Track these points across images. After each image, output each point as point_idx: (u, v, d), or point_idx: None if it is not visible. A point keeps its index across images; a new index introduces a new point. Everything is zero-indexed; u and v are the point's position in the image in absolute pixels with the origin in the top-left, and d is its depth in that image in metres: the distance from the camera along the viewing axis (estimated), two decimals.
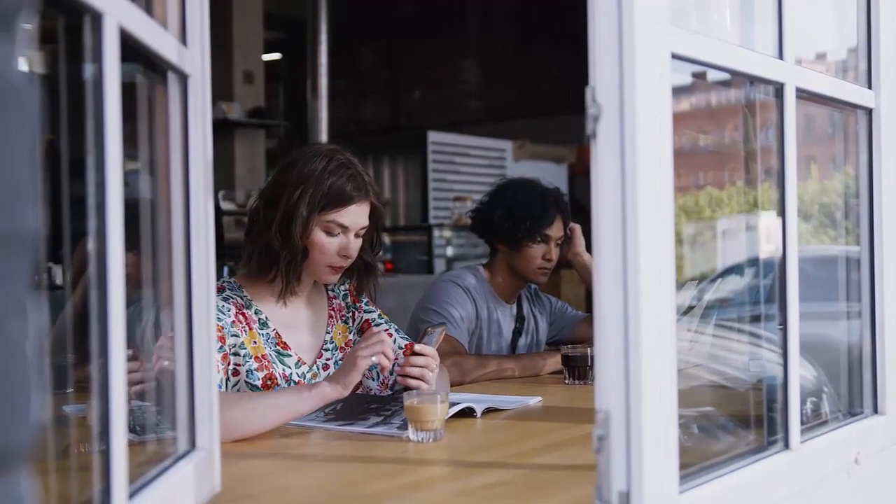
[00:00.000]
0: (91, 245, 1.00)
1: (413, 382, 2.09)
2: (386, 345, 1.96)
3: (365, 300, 2.40)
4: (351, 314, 2.37)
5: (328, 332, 2.30)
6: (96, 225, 0.99)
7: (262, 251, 2.16)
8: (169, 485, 1.21)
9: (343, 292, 2.38)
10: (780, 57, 1.49)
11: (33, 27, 0.62)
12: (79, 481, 1.22)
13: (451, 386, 2.56)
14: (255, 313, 2.18)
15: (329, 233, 2.15)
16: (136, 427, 1.33)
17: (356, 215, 2.17)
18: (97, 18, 0.98)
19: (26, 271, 0.57)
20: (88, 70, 1.01)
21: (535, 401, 2.30)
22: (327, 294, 2.35)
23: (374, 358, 1.93)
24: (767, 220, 1.87)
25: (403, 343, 2.34)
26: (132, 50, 1.10)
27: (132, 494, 1.08)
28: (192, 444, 1.35)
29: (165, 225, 1.34)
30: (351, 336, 2.34)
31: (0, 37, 0.54)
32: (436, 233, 7.44)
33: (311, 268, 2.19)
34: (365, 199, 2.19)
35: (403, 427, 1.86)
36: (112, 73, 1.00)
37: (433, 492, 1.53)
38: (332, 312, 2.33)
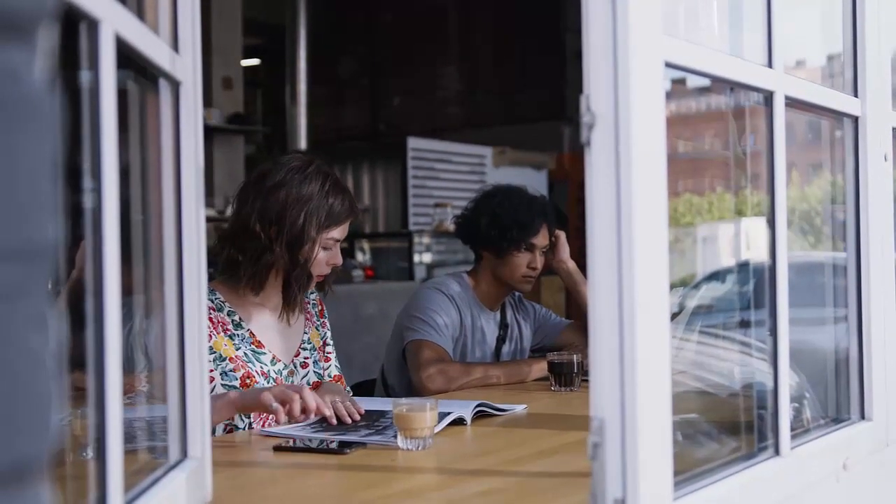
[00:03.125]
0: (87, 252, 0.99)
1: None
2: (295, 403, 1.91)
3: (323, 319, 2.48)
4: (321, 322, 2.46)
5: (306, 333, 2.38)
6: (92, 232, 0.98)
7: (264, 270, 2.21)
8: (162, 494, 1.20)
9: (313, 301, 2.46)
10: (770, 65, 1.50)
11: (53, 36, 0.62)
12: (69, 490, 1.21)
13: (437, 394, 2.57)
14: (228, 315, 2.23)
15: (325, 248, 2.25)
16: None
17: (347, 228, 2.30)
18: (93, 25, 0.98)
19: (46, 282, 0.57)
20: (84, 76, 1.00)
21: (521, 408, 2.31)
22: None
23: (275, 404, 1.89)
24: (748, 227, 1.88)
25: (335, 373, 2.42)
26: (124, 56, 1.10)
27: None
28: (184, 454, 1.34)
29: (156, 232, 1.33)
30: (321, 342, 2.44)
31: (20, 47, 0.54)
32: (416, 239, 7.43)
33: None
34: (356, 214, 2.32)
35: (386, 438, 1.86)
36: (108, 79, 0.99)
37: (426, 500, 1.52)
38: (308, 315, 2.42)
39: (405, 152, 8.05)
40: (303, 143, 8.68)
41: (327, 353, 2.44)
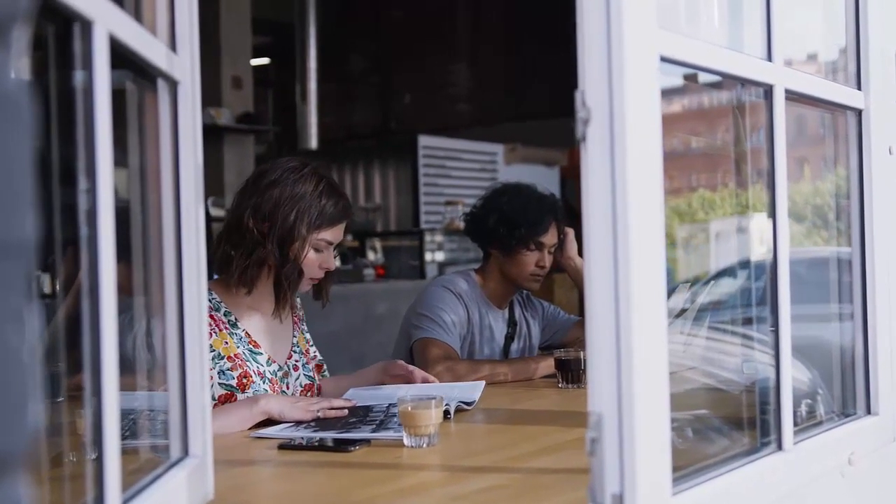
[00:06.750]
0: (83, 253, 0.99)
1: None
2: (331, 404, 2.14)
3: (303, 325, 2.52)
4: (305, 326, 2.50)
5: (294, 336, 2.43)
6: (88, 233, 0.98)
7: (255, 265, 2.24)
8: (162, 492, 1.21)
9: (298, 304, 2.51)
10: (769, 59, 1.50)
11: (28, 35, 0.62)
12: (68, 490, 1.21)
13: None
14: (225, 315, 2.27)
15: (317, 250, 2.28)
16: (125, 434, 1.32)
17: (341, 232, 2.33)
18: (87, 26, 0.98)
19: (24, 278, 0.58)
20: (78, 77, 1.00)
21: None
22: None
23: (320, 413, 2.10)
24: (760, 222, 1.88)
25: (311, 375, 2.44)
26: (121, 56, 1.10)
27: (125, 502, 1.08)
28: (185, 452, 1.35)
29: (156, 233, 1.34)
30: (307, 345, 2.48)
31: None
32: (427, 237, 7.42)
33: None
34: (349, 218, 2.34)
35: (399, 430, 1.86)
36: (102, 80, 1.00)
37: (428, 497, 1.52)
38: (296, 320, 2.46)
39: (416, 150, 8.06)
40: (313, 142, 8.69)
41: (313, 352, 2.49)
